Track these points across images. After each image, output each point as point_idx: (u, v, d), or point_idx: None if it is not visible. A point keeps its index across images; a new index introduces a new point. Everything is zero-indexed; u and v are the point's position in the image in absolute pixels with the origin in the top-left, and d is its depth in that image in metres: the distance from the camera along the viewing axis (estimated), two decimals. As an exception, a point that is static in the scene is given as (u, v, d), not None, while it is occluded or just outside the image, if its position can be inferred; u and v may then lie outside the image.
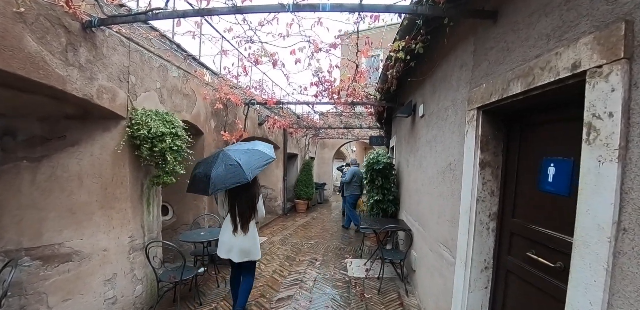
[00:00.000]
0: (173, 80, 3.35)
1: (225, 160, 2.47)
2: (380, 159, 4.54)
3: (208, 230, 3.42)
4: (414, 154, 3.54)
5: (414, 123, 3.57)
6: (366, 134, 9.90)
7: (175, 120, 2.75)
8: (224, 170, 2.41)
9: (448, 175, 2.29)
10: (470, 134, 1.92)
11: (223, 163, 2.47)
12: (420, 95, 3.33)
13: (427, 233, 2.82)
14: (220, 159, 2.51)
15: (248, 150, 2.64)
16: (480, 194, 1.85)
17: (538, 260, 1.47)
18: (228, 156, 2.51)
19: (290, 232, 5.99)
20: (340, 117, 8.28)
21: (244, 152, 2.59)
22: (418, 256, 3.12)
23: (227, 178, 2.37)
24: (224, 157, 2.51)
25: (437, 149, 2.60)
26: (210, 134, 4.25)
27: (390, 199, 4.59)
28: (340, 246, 5.09)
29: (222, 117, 4.67)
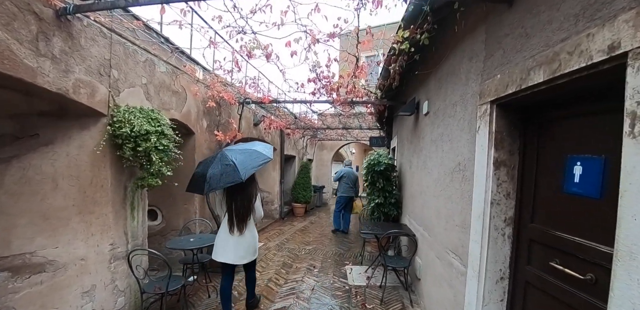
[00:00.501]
0: (161, 76, 3.21)
1: (222, 160, 2.56)
2: (382, 160, 4.40)
3: (198, 236, 3.26)
4: (418, 155, 3.40)
5: (418, 122, 3.43)
6: (366, 135, 9.78)
7: (161, 118, 2.60)
8: (220, 170, 2.49)
9: (457, 176, 2.15)
10: (482, 131, 1.78)
11: (220, 163, 2.56)
12: (424, 92, 3.19)
13: (433, 239, 2.67)
14: (218, 159, 2.61)
15: (245, 150, 2.70)
16: (494, 196, 1.71)
17: (564, 271, 1.33)
18: (225, 156, 2.58)
19: (287, 237, 5.83)
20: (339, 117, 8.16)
21: (241, 152, 2.65)
22: (423, 263, 2.96)
23: (222, 178, 2.44)
24: (222, 157, 2.60)
25: (444, 148, 2.46)
26: (202, 134, 4.10)
27: (392, 202, 4.45)
28: (339, 252, 4.93)
29: (215, 117, 4.52)
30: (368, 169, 4.55)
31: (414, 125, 3.61)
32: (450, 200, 2.26)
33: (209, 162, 2.65)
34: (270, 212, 7.74)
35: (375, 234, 3.39)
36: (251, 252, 2.68)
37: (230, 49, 3.02)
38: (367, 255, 4.69)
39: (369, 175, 4.54)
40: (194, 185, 2.62)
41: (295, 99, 4.65)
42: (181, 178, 3.83)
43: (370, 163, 4.48)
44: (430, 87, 2.95)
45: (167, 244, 2.78)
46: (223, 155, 2.62)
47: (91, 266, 2.25)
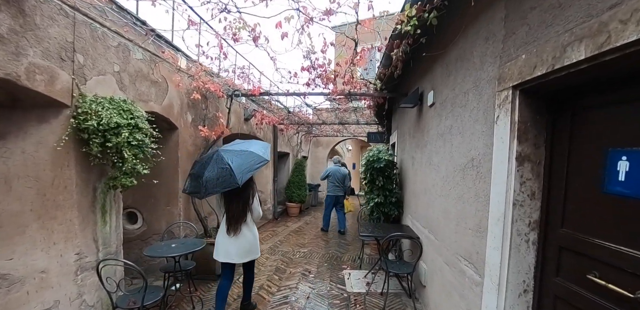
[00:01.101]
0: (137, 63, 2.95)
1: (219, 163, 2.54)
2: (381, 156, 4.20)
3: (182, 241, 3.03)
4: (422, 150, 3.20)
5: (421, 114, 3.23)
6: (363, 130, 9.58)
7: (135, 110, 2.36)
8: (216, 174, 2.47)
9: (470, 173, 1.96)
10: (502, 121, 1.59)
11: (216, 165, 2.53)
12: (429, 80, 2.99)
13: (440, 242, 2.48)
14: (214, 160, 2.58)
15: (242, 152, 2.68)
16: (517, 196, 1.52)
17: (607, 286, 1.14)
18: (222, 158, 2.55)
19: (280, 239, 5.62)
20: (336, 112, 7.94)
21: (237, 154, 2.63)
22: (429, 269, 2.79)
23: (219, 182, 2.44)
24: (218, 158, 2.58)
25: (453, 142, 2.26)
26: (186, 129, 3.85)
27: (393, 201, 4.27)
28: (336, 255, 4.75)
29: (201, 110, 4.27)
30: (367, 166, 4.35)
31: (417, 118, 3.41)
32: (462, 200, 2.07)
33: (205, 163, 2.63)
34: (263, 213, 7.49)
35: (376, 236, 3.21)
36: (252, 250, 2.71)
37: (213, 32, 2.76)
38: (366, 259, 4.52)
39: (367, 172, 4.35)
40: (192, 187, 2.61)
41: (288, 91, 4.42)
42: (163, 177, 3.60)
43: (370, 159, 4.28)
44: (436, 75, 2.75)
45: (145, 251, 2.55)
46: (219, 156, 2.59)
47: (53, 279, 2.02)
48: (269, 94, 4.64)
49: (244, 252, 2.65)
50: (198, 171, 2.61)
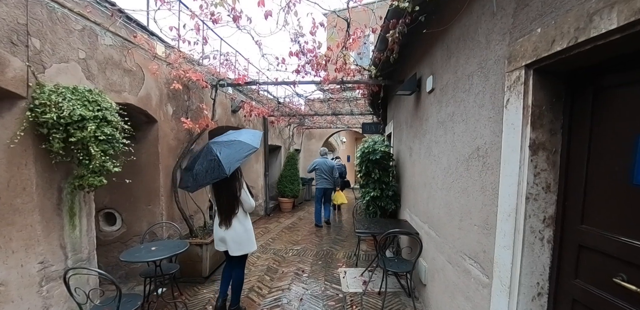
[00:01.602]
0: (107, 50, 2.72)
1: (207, 155, 2.58)
2: (377, 147, 4.06)
3: (163, 243, 2.87)
4: (420, 140, 3.06)
5: (420, 101, 3.08)
6: (358, 121, 9.42)
7: (103, 100, 2.15)
8: (205, 166, 2.53)
9: (475, 163, 1.82)
10: (513, 106, 1.44)
11: (205, 158, 2.59)
12: (427, 65, 2.83)
13: (442, 239, 2.37)
14: (204, 153, 2.64)
15: (231, 142, 2.69)
16: (530, 189, 1.38)
17: (638, 292, 1.02)
18: (210, 150, 2.59)
19: (272, 237, 5.50)
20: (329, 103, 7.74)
21: (226, 145, 2.65)
22: (430, 267, 2.68)
23: (208, 174, 2.49)
24: (207, 151, 2.62)
25: (455, 130, 2.12)
26: (166, 122, 3.64)
27: (390, 194, 4.15)
28: (331, 252, 4.64)
29: (184, 101, 4.05)
30: (362, 158, 4.21)
31: (415, 106, 3.26)
32: (466, 194, 1.94)
33: (196, 157, 2.69)
34: (254, 209, 7.33)
35: (373, 233, 3.08)
36: (243, 244, 2.70)
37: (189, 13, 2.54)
38: (362, 255, 4.42)
39: (363, 165, 4.21)
40: (185, 181, 2.67)
41: (277, 80, 4.21)
42: (142, 174, 3.40)
43: (365, 151, 4.14)
44: (435, 58, 2.58)
45: (121, 255, 2.38)
46: (208, 149, 2.63)
47: (14, 292, 1.84)
48: (256, 84, 4.42)
49: (235, 245, 2.67)
50: (190, 165, 2.70)
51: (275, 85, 4.73)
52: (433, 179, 2.63)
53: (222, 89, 5.16)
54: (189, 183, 2.60)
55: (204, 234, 3.73)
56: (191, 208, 4.01)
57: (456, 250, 2.08)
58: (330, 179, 6.40)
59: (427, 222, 2.81)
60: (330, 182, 6.42)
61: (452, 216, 2.17)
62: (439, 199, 2.48)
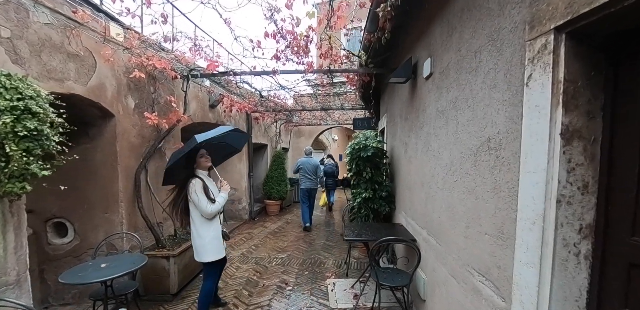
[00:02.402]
0: (43, 30, 2.36)
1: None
2: (369, 143, 3.78)
3: (117, 258, 2.52)
4: (416, 134, 2.78)
5: (416, 89, 2.80)
6: (349, 117, 9.13)
7: (25, 87, 1.80)
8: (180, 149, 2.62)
9: (485, 158, 1.54)
10: (537, 82, 1.16)
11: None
12: (424, 46, 2.54)
13: (444, 248, 2.09)
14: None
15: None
16: (562, 190, 1.10)
17: None
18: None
19: (256, 243, 5.17)
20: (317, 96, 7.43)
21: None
22: (429, 280, 2.41)
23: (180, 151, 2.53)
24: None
25: (459, 119, 1.83)
26: (127, 116, 3.28)
27: (383, 195, 3.88)
28: (319, 260, 4.34)
29: (149, 94, 3.69)
30: (352, 155, 3.93)
31: (411, 95, 2.97)
32: (474, 195, 1.66)
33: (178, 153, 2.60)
34: (238, 213, 7.03)
35: (364, 240, 2.79)
36: (197, 252, 2.60)
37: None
38: (353, 263, 4.14)
39: (353, 163, 3.92)
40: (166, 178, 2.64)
41: (254, 69, 3.88)
42: (97, 177, 3.04)
43: (355, 148, 3.85)
44: (433, 37, 2.30)
45: (61, 276, 2.03)
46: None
47: None
48: (231, 74, 4.08)
49: (194, 250, 2.62)
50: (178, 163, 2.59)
51: (253, 76, 4.39)
52: (432, 178, 2.35)
53: (196, 81, 4.81)
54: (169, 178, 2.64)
55: (173, 244, 3.39)
56: (159, 215, 3.65)
57: (462, 262, 1.80)
58: (314, 178, 6.32)
59: (425, 227, 2.53)
60: (315, 182, 6.34)
61: (456, 221, 1.88)
62: (439, 201, 2.20)
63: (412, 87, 2.90)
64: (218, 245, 2.59)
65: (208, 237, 2.54)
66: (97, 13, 2.70)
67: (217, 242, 2.58)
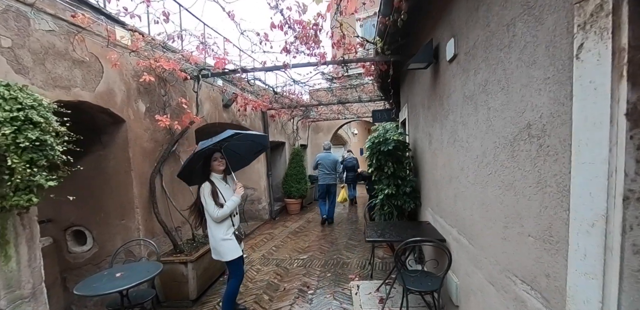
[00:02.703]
0: (46, 37, 2.35)
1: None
2: (389, 136, 3.58)
3: (133, 266, 2.50)
4: (441, 123, 2.58)
5: (438, 75, 2.58)
6: (368, 109, 8.88)
7: (25, 97, 1.76)
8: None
9: (525, 147, 1.34)
10: (592, 52, 0.95)
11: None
12: (445, 27, 2.33)
13: (479, 250, 1.90)
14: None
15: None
16: (630, 184, 0.91)
17: None
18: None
19: (277, 244, 5.11)
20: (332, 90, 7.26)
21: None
22: (462, 285, 2.22)
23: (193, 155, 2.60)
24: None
25: (490, 104, 1.63)
26: (138, 121, 3.27)
27: (407, 191, 3.69)
28: (342, 260, 4.21)
29: (160, 97, 3.67)
30: (372, 150, 3.75)
31: (432, 81, 2.76)
32: (512, 191, 1.46)
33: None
34: (258, 213, 7.03)
35: (388, 241, 2.63)
36: (217, 252, 2.69)
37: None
38: (378, 264, 3.98)
39: (373, 157, 3.75)
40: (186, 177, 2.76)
41: (264, 64, 3.76)
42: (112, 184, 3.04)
43: (374, 141, 3.67)
44: (456, 14, 2.08)
45: (75, 287, 2.02)
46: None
47: None
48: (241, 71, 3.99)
49: (212, 251, 2.73)
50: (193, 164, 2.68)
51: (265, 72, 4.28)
52: (461, 172, 2.15)
53: (208, 81, 4.78)
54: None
55: (192, 248, 3.37)
56: (177, 219, 3.65)
57: (500, 267, 1.60)
58: (333, 174, 6.33)
59: (455, 226, 2.33)
60: (334, 177, 6.36)
61: (492, 221, 1.69)
62: (470, 197, 2.00)
63: (433, 72, 2.69)
64: (232, 244, 2.65)
65: (221, 237, 2.62)
66: (98, 16, 2.66)
67: (233, 243, 2.65)
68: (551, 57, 1.15)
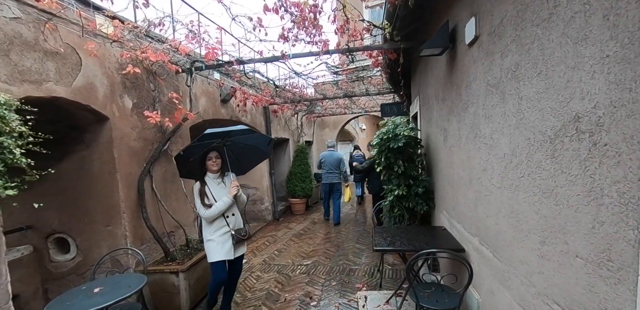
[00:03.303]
0: (10, 25, 2.17)
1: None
2: (400, 131, 3.35)
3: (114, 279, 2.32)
4: (459, 116, 2.33)
5: (454, 61, 2.33)
6: (376, 103, 8.59)
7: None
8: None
9: (572, 146, 1.10)
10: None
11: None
12: (465, 4, 2.08)
13: (505, 265, 1.66)
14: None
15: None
16: None
17: None
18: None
19: (279, 248, 4.93)
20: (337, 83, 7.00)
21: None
22: (485, 303, 1.99)
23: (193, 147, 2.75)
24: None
25: (523, 92, 1.38)
26: (124, 119, 3.09)
27: (420, 192, 3.45)
28: (349, 267, 4.00)
29: (149, 91, 3.48)
30: (380, 147, 3.52)
31: (448, 69, 2.51)
32: (553, 199, 1.22)
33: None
34: (260, 214, 6.86)
35: (399, 250, 2.41)
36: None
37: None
38: (387, 271, 3.76)
39: (381, 155, 3.52)
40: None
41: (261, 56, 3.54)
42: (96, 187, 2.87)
43: (383, 138, 3.43)
44: (475, -13, 1.82)
45: (47, 306, 1.85)
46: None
47: None
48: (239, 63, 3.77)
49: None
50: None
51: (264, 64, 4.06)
52: (484, 172, 1.91)
53: (202, 74, 4.58)
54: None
55: (185, 255, 3.20)
56: (169, 224, 3.48)
57: (536, 291, 1.37)
58: (337, 172, 6.29)
59: (477, 234, 2.09)
60: (338, 176, 6.33)
61: (525, 233, 1.45)
62: (495, 203, 1.76)
63: (450, 58, 2.43)
64: (217, 247, 2.61)
65: (207, 238, 2.64)
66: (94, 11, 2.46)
67: (215, 245, 2.62)
68: (612, 29, 0.90)
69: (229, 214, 2.68)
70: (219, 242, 2.60)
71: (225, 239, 2.62)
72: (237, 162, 2.97)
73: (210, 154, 2.71)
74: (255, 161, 3.27)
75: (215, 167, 2.73)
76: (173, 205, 3.67)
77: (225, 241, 2.61)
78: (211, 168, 2.73)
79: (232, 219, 2.70)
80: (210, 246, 2.61)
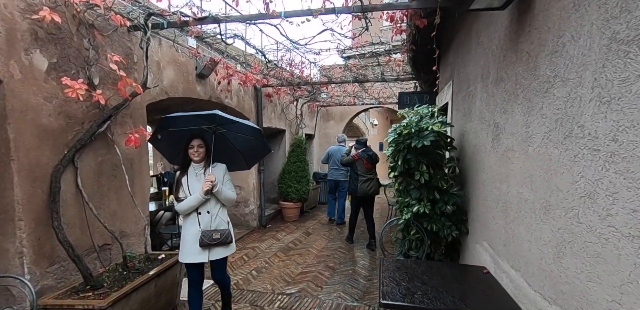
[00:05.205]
0: None
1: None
2: (425, 125, 2.61)
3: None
4: (529, 104, 1.60)
5: (530, 16, 1.57)
6: (393, 93, 7.80)
7: None
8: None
9: None
10: None
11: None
12: None
13: None
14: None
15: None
16: None
17: None
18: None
19: (259, 266, 4.23)
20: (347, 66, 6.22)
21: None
22: None
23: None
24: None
25: None
26: (31, 84, 2.38)
27: (448, 211, 2.71)
28: (343, 305, 3.27)
29: (79, 50, 2.76)
30: (396, 145, 2.80)
31: (515, 30, 1.75)
32: None
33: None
34: (244, 218, 6.18)
35: (419, 308, 1.68)
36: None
37: None
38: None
39: (399, 156, 2.81)
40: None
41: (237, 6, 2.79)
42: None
43: (402, 133, 2.71)
44: None
45: None
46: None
47: None
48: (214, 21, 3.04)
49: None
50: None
51: (246, 24, 3.32)
52: (586, 201, 1.17)
53: (169, 37, 3.86)
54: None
55: (116, 280, 2.51)
56: (102, 234, 2.78)
57: None
58: (343, 170, 6.31)
59: (557, 303, 1.36)
60: (345, 174, 6.31)
61: None
62: (611, 260, 1.02)
63: (518, 13, 1.67)
64: (186, 247, 2.56)
65: (183, 234, 2.63)
66: None
67: (184, 243, 2.58)
68: None
69: (202, 211, 2.58)
70: (190, 241, 2.55)
71: (196, 239, 2.53)
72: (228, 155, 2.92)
73: (193, 141, 2.63)
74: (257, 157, 3.21)
75: (197, 157, 2.65)
76: (112, 208, 2.98)
77: (195, 241, 2.53)
78: (192, 157, 2.66)
79: (206, 218, 2.59)
80: (182, 244, 2.61)
